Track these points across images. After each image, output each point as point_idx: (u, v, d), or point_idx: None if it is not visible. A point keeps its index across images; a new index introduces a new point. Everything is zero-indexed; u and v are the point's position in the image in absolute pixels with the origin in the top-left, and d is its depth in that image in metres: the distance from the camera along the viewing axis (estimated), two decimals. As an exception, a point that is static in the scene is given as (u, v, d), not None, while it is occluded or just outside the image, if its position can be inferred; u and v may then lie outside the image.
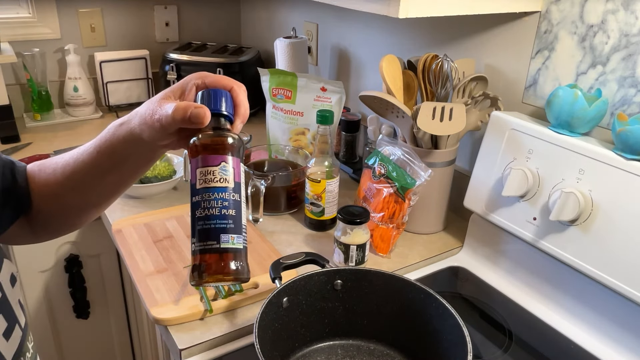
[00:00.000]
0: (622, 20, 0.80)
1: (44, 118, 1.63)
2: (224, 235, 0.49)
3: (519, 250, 0.93)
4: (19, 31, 1.59)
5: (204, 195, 0.50)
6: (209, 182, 0.50)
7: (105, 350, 1.43)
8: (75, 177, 0.61)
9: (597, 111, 0.81)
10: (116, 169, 0.60)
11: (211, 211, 0.50)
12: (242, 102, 0.56)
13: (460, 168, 1.12)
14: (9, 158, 0.64)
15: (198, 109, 0.51)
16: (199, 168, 0.51)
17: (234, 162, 0.52)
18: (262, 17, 1.84)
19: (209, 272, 0.49)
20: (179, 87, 0.56)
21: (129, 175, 0.63)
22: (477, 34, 1.05)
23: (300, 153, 1.22)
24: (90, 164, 0.60)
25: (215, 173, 0.51)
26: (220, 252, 0.49)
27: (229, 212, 0.50)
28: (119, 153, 0.58)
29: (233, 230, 0.50)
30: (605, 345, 0.80)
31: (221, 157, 0.51)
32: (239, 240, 0.51)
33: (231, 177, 0.51)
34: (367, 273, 0.75)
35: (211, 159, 0.51)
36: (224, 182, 0.51)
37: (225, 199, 0.50)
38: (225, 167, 0.51)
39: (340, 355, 0.76)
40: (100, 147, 0.59)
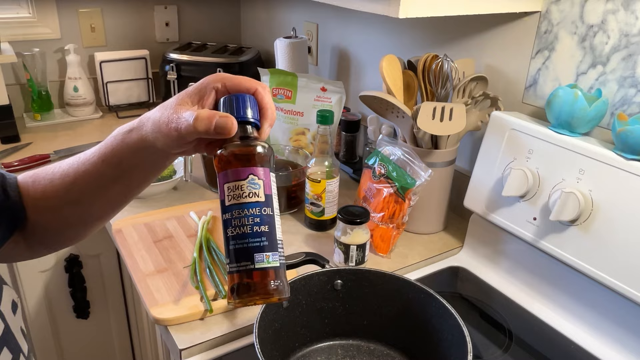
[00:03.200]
0: (622, 20, 0.80)
1: (44, 118, 1.63)
2: (258, 255, 0.47)
3: (519, 250, 0.93)
4: (19, 31, 1.59)
5: (234, 213, 0.47)
6: (237, 198, 0.47)
7: (105, 350, 1.43)
8: (76, 189, 0.57)
9: (597, 111, 0.81)
10: (123, 179, 0.56)
11: (243, 229, 0.47)
12: (268, 104, 0.52)
13: (460, 168, 1.12)
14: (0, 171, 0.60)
15: (223, 118, 0.47)
16: (226, 183, 0.48)
17: (263, 174, 0.49)
18: (262, 17, 1.84)
19: (247, 294, 0.47)
20: (197, 91, 0.51)
21: (136, 185, 0.58)
22: (477, 34, 1.05)
23: (300, 153, 1.22)
24: (94, 174, 0.55)
25: (243, 188, 0.48)
26: (257, 272, 0.47)
27: (261, 229, 0.47)
28: (126, 162, 0.54)
29: (268, 247, 0.47)
30: (605, 345, 0.80)
31: (249, 169, 0.48)
32: (275, 258, 0.48)
33: (261, 190, 0.48)
34: (367, 273, 0.75)
35: (238, 173, 0.48)
36: (253, 197, 0.47)
37: (257, 215, 0.47)
38: (253, 180, 0.48)
39: (340, 355, 0.76)
40: (106, 155, 0.54)
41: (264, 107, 0.51)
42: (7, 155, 1.38)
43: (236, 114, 0.49)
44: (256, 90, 0.51)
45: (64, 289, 1.31)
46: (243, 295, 0.47)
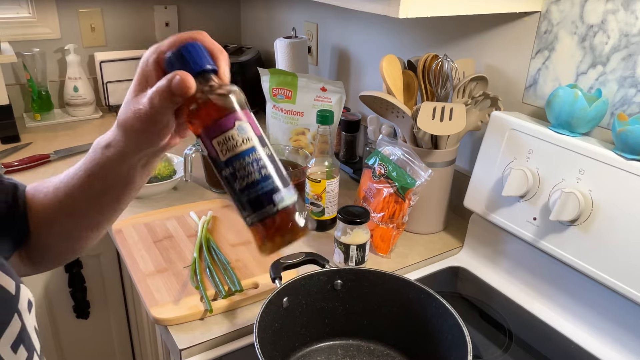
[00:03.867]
0: (622, 20, 0.80)
1: (44, 118, 1.63)
2: (276, 195, 0.45)
3: (519, 250, 0.93)
4: (19, 31, 1.59)
5: (235, 164, 0.45)
6: (233, 149, 0.45)
7: (105, 350, 1.43)
8: (68, 202, 0.56)
9: (597, 111, 0.81)
10: (112, 190, 0.55)
11: (251, 177, 0.45)
12: (213, 45, 0.48)
13: (460, 168, 1.12)
14: (11, 181, 0.59)
15: (175, 77, 0.44)
16: (214, 139, 0.45)
17: (246, 116, 0.46)
18: (262, 17, 1.84)
19: (279, 235, 0.45)
20: (141, 74, 0.48)
21: (126, 194, 0.57)
22: (477, 34, 1.05)
23: (300, 153, 1.22)
24: (82, 188, 0.55)
25: (235, 137, 0.45)
26: (281, 212, 0.45)
27: (269, 170, 0.45)
28: (113, 174, 0.53)
29: (281, 184, 0.46)
30: (605, 345, 0.80)
31: (232, 116, 0.45)
32: (291, 192, 0.46)
33: (251, 133, 0.46)
34: (367, 273, 0.75)
35: (223, 123, 0.45)
36: (248, 143, 0.45)
37: (258, 158, 0.45)
38: (241, 126, 0.45)
39: (340, 355, 0.76)
40: (91, 170, 0.53)
41: (210, 48, 0.48)
42: (7, 155, 1.38)
43: (188, 67, 0.46)
44: (193, 37, 0.48)
45: (64, 289, 1.31)
46: (276, 239, 0.45)
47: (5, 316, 0.46)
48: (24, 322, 0.49)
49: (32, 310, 0.51)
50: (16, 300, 0.48)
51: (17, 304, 0.48)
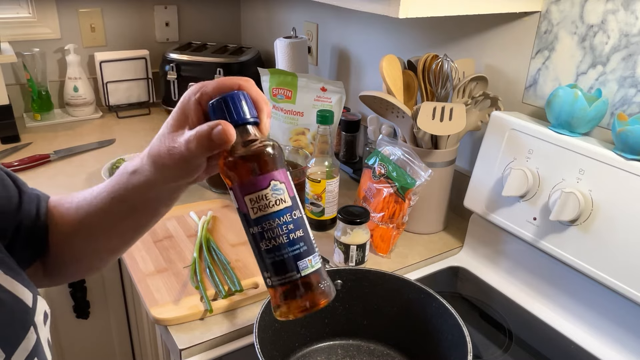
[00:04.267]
0: (622, 20, 0.80)
1: (44, 118, 1.63)
2: (301, 263, 0.44)
3: (519, 250, 0.93)
4: (19, 31, 1.59)
5: (265, 225, 0.44)
6: (264, 209, 0.43)
7: (105, 350, 1.43)
8: (88, 222, 0.55)
9: (597, 111, 0.81)
10: (134, 215, 0.54)
11: (279, 240, 0.43)
12: (258, 95, 0.47)
13: (460, 168, 1.12)
14: (35, 193, 0.58)
15: (217, 127, 0.43)
16: (247, 195, 0.44)
17: (282, 176, 0.45)
18: (262, 17, 1.84)
19: (298, 303, 0.44)
20: (181, 111, 0.47)
21: (148, 220, 0.56)
22: (477, 34, 1.05)
23: (300, 153, 1.22)
24: (105, 210, 0.53)
25: (268, 197, 0.43)
26: (304, 280, 0.44)
27: (297, 235, 0.44)
28: (136, 200, 0.52)
29: (307, 252, 0.44)
30: (605, 345, 0.80)
31: (268, 175, 0.44)
32: (316, 259, 0.45)
33: (286, 194, 0.44)
34: (367, 273, 0.75)
35: (258, 182, 0.44)
36: (281, 204, 0.44)
37: (289, 222, 0.44)
38: (276, 187, 0.44)
39: (340, 355, 0.76)
40: (115, 193, 0.52)
41: (255, 99, 0.47)
42: (7, 155, 1.38)
43: (231, 117, 0.44)
44: (240, 86, 0.46)
45: (64, 289, 1.31)
46: (294, 305, 0.44)
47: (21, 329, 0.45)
48: (38, 335, 0.47)
49: (47, 322, 0.50)
50: (33, 313, 0.47)
51: (33, 316, 0.47)
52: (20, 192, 0.57)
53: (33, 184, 0.61)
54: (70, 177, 1.29)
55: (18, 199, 0.56)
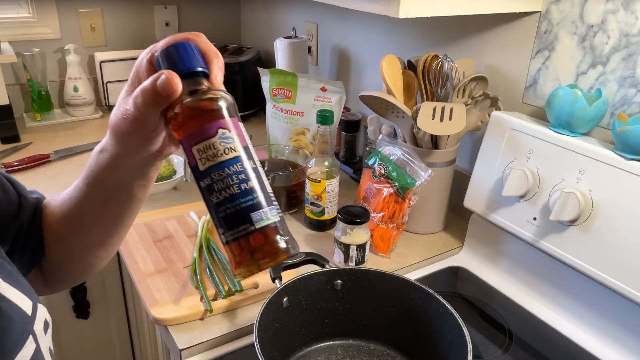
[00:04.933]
0: (622, 20, 0.80)
1: (44, 118, 1.63)
2: (255, 214, 0.41)
3: (519, 250, 0.93)
4: (19, 31, 1.59)
5: (214, 176, 0.42)
6: (213, 159, 0.41)
7: (105, 350, 1.43)
8: (72, 216, 0.55)
9: (597, 111, 0.81)
10: (112, 200, 0.53)
11: (229, 191, 0.41)
12: (207, 47, 0.45)
13: (460, 168, 1.12)
14: (34, 196, 0.58)
15: (161, 76, 0.41)
16: (194, 146, 0.42)
17: (232, 125, 0.42)
18: (262, 17, 1.84)
19: (254, 259, 0.41)
20: (135, 75, 0.46)
21: (127, 205, 0.55)
22: (477, 34, 1.05)
23: (300, 153, 1.22)
24: (83, 199, 0.53)
25: (216, 145, 0.41)
26: (259, 232, 0.41)
27: (250, 185, 0.41)
28: (110, 181, 0.51)
29: (263, 203, 0.41)
30: (605, 345, 0.80)
31: (216, 123, 0.42)
32: (273, 212, 0.42)
33: (236, 143, 0.42)
34: (367, 273, 0.75)
35: (205, 130, 0.41)
36: (230, 153, 0.41)
37: (240, 171, 0.41)
38: (225, 135, 0.42)
39: (340, 355, 0.76)
40: (89, 179, 0.51)
41: (204, 50, 0.45)
42: (7, 155, 1.38)
43: (178, 67, 0.42)
44: (187, 38, 0.45)
45: (64, 289, 1.31)
46: (251, 262, 0.41)
47: (20, 338, 0.44)
48: (38, 344, 0.46)
49: (48, 331, 0.49)
50: (32, 321, 0.47)
51: (32, 325, 0.46)
52: (19, 196, 0.56)
53: (33, 184, 0.61)
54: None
55: (18, 203, 0.56)
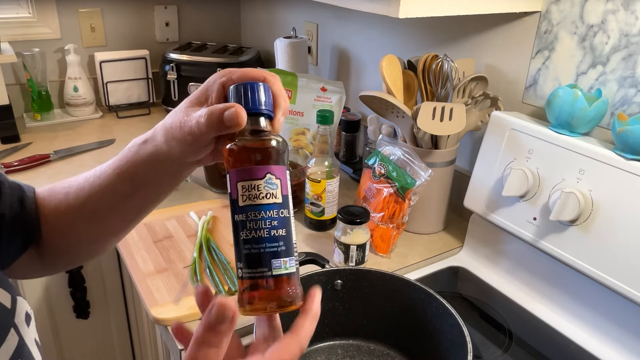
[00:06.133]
0: (622, 20, 0.80)
1: (44, 118, 1.63)
2: (275, 261, 0.43)
3: (519, 250, 0.93)
4: (19, 31, 1.59)
5: (249, 215, 0.43)
6: (253, 199, 0.43)
7: (105, 350, 1.43)
8: (90, 203, 0.55)
9: (597, 111, 0.81)
10: (139, 193, 0.54)
11: (258, 233, 0.43)
12: (279, 91, 0.48)
13: (460, 168, 1.12)
14: (17, 183, 0.58)
15: (231, 108, 0.43)
16: (240, 182, 0.44)
17: (280, 172, 0.44)
18: (262, 17, 1.84)
19: (262, 301, 0.44)
20: (204, 90, 0.48)
21: (152, 200, 0.56)
22: (477, 34, 1.05)
23: (300, 153, 1.22)
24: (109, 188, 0.53)
25: (260, 188, 0.43)
26: (274, 279, 0.43)
27: (278, 233, 0.44)
28: (142, 175, 0.52)
29: (285, 253, 0.44)
30: (605, 345, 0.80)
31: (266, 167, 0.44)
32: (292, 263, 0.44)
33: (279, 191, 0.44)
34: (367, 273, 0.75)
35: (255, 171, 0.43)
36: (271, 199, 0.43)
37: (274, 218, 0.43)
38: (271, 180, 0.44)
39: (340, 355, 0.76)
40: (121, 168, 0.52)
41: (276, 94, 0.47)
42: (7, 155, 1.38)
43: (246, 104, 0.45)
44: (265, 79, 0.47)
45: (64, 289, 1.31)
46: (257, 302, 0.44)
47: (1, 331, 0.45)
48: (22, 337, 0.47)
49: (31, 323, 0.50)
50: (12, 314, 0.47)
51: (13, 317, 0.47)
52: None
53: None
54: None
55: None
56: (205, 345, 0.38)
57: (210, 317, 0.38)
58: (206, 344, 0.38)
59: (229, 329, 0.39)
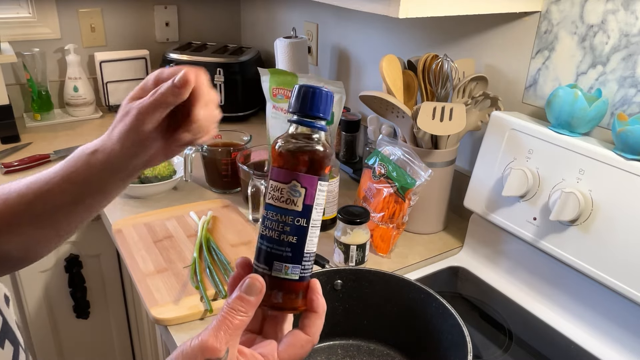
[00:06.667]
0: (622, 20, 0.80)
1: (44, 118, 1.63)
2: (277, 264, 0.45)
3: (519, 250, 0.93)
4: (19, 31, 1.59)
5: (269, 214, 0.45)
6: (275, 200, 0.45)
7: (105, 350, 1.43)
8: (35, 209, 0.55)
9: (597, 111, 0.81)
10: (86, 199, 0.55)
11: (271, 233, 0.45)
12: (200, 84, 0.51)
13: (460, 168, 1.12)
14: None
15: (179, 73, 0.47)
16: (272, 180, 0.46)
17: (308, 182, 0.45)
18: (262, 17, 1.84)
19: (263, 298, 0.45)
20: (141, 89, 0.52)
21: (99, 205, 0.57)
22: (477, 34, 1.05)
23: (300, 153, 1.22)
24: (56, 195, 0.54)
25: (283, 192, 0.45)
26: (271, 279, 0.45)
27: (288, 239, 0.45)
28: (93, 183, 0.53)
29: (289, 259, 0.45)
30: (605, 345, 0.80)
31: (293, 174, 0.45)
32: (295, 271, 0.45)
33: (300, 199, 0.45)
34: (367, 273, 0.75)
35: (283, 175, 0.45)
36: (290, 205, 0.45)
37: (288, 224, 0.45)
38: (295, 188, 0.45)
39: (340, 355, 0.76)
40: (70, 177, 0.53)
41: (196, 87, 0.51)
42: (7, 155, 1.38)
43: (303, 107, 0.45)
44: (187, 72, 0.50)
45: (64, 289, 1.31)
46: None
47: None
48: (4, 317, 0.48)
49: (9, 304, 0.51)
50: None
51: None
52: None
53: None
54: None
55: None
56: (235, 311, 0.42)
57: (242, 287, 0.43)
58: (235, 310, 0.42)
59: (256, 301, 0.43)
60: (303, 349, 0.45)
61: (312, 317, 0.46)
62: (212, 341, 0.40)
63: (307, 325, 0.46)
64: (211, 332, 0.41)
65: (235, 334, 0.42)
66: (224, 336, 0.41)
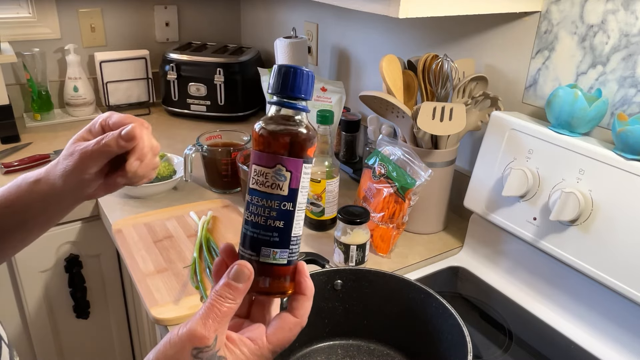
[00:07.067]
0: (622, 20, 0.80)
1: (44, 118, 1.63)
2: (265, 249, 0.44)
3: (519, 250, 0.93)
4: (19, 31, 1.59)
5: (253, 199, 0.44)
6: (260, 185, 0.44)
7: (105, 351, 1.43)
8: None
9: (597, 111, 0.81)
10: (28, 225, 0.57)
11: (257, 219, 0.44)
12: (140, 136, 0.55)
13: (460, 168, 1.12)
14: None
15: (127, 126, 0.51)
16: (255, 164, 0.44)
17: (293, 165, 0.44)
18: (262, 17, 1.84)
19: None
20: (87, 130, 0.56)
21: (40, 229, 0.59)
22: (477, 34, 1.05)
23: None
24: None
25: (267, 176, 0.44)
26: (258, 264, 0.44)
27: (275, 224, 0.44)
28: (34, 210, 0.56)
29: (278, 244, 0.45)
30: (605, 345, 0.80)
31: (278, 158, 0.43)
32: (283, 255, 0.45)
33: (286, 183, 0.44)
34: (367, 273, 0.75)
35: (267, 159, 0.44)
36: (276, 189, 0.44)
37: (274, 209, 0.44)
38: (280, 172, 0.44)
39: (340, 355, 0.76)
40: (12, 203, 0.55)
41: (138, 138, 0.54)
42: (7, 155, 1.38)
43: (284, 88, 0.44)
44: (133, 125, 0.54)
45: (64, 289, 1.31)
46: None
47: None
48: None
49: None
50: None
51: None
52: None
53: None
54: None
55: None
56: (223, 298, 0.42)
57: (230, 274, 0.43)
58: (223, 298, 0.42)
59: (245, 287, 0.43)
60: (292, 331, 0.46)
61: (300, 299, 0.46)
62: (201, 329, 0.40)
63: (296, 307, 0.46)
64: (199, 321, 0.40)
65: (223, 321, 0.41)
66: (212, 324, 0.40)
